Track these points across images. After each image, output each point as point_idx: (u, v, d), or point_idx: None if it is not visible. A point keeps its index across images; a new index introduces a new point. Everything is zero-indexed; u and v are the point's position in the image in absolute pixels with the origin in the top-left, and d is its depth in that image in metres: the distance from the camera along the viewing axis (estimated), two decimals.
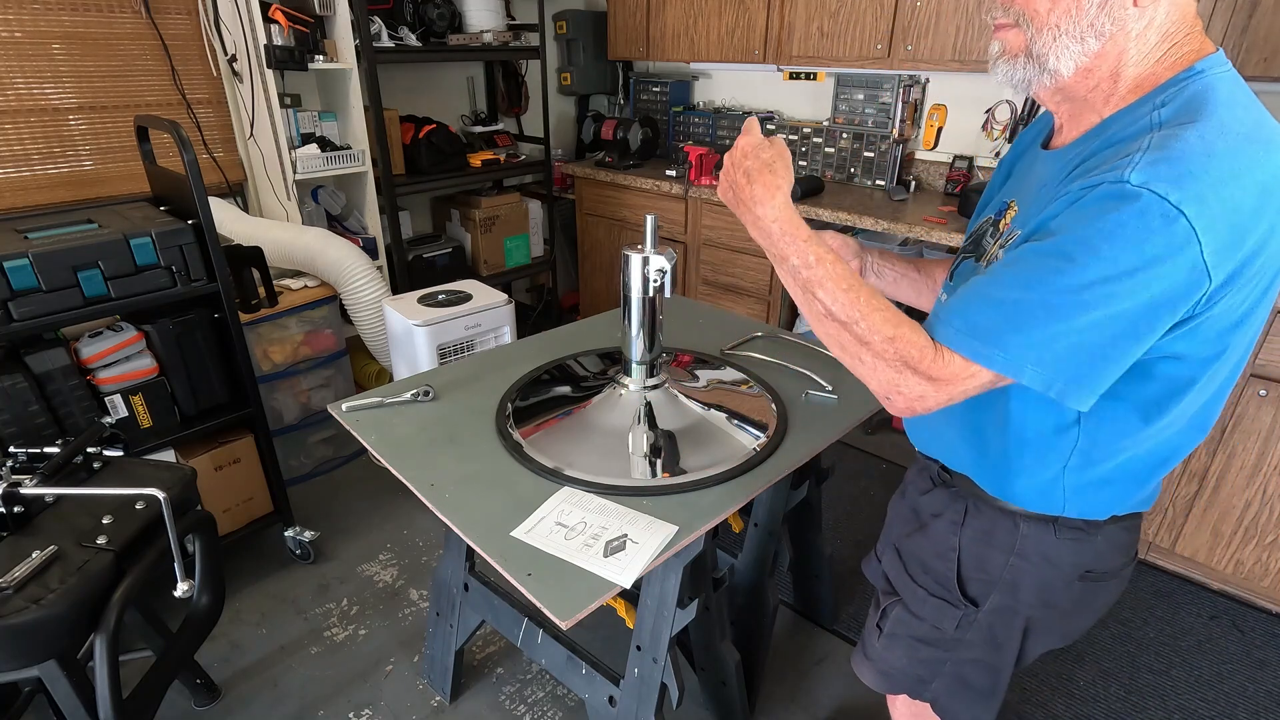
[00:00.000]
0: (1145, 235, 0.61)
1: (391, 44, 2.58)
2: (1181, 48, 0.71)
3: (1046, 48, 0.72)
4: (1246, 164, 0.62)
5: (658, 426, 1.25)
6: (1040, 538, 0.88)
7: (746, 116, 3.06)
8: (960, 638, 0.97)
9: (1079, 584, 0.90)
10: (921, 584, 0.99)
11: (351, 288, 2.32)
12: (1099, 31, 0.70)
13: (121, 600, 1.14)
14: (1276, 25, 1.74)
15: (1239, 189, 0.62)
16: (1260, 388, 1.76)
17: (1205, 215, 0.61)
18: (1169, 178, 0.61)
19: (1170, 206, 0.60)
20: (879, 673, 1.07)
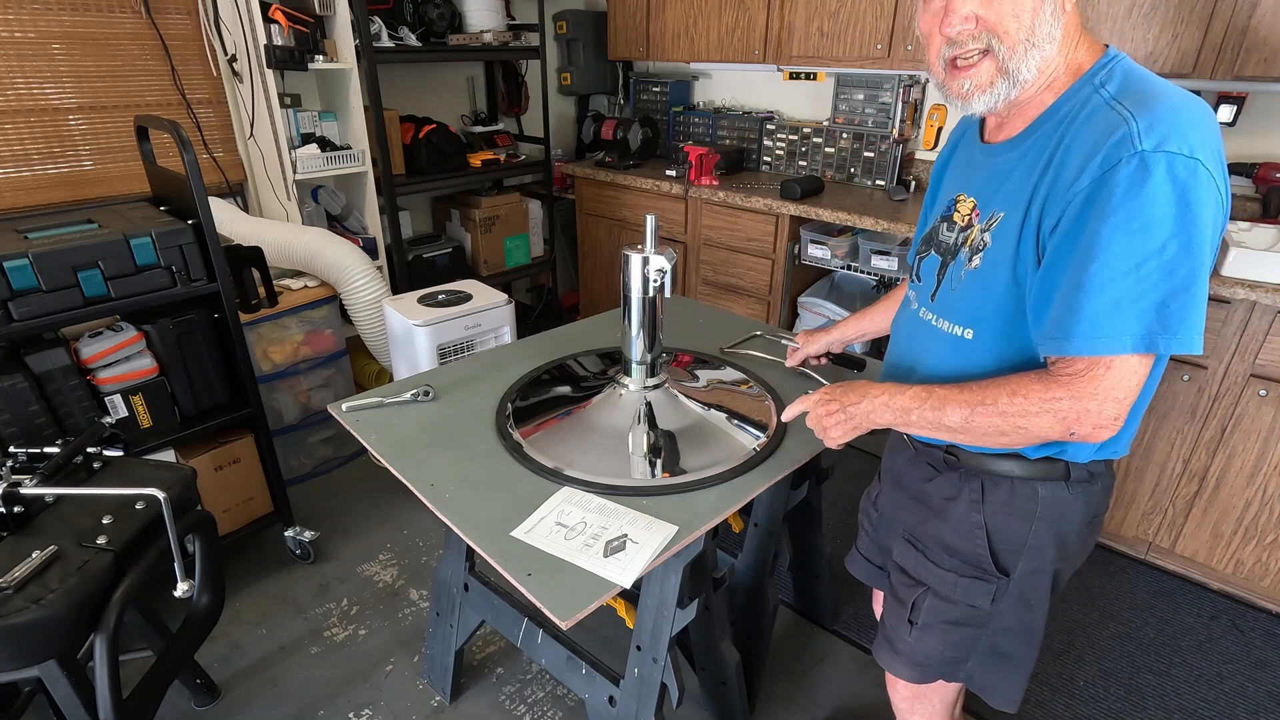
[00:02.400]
0: (1184, 190, 0.70)
1: (391, 44, 2.58)
2: (1086, 38, 0.82)
3: (1019, 62, 0.79)
4: (1200, 112, 0.74)
5: (658, 426, 1.25)
6: (1056, 497, 0.92)
7: (748, 114, 3.05)
8: (995, 610, 0.98)
9: (1086, 530, 0.96)
10: (949, 568, 0.99)
11: (351, 288, 2.32)
12: (1051, 37, 0.79)
13: (121, 600, 1.14)
14: (1277, 25, 1.74)
15: (1211, 130, 0.74)
16: (1260, 388, 1.76)
17: (1209, 156, 0.72)
18: (1175, 136, 0.71)
19: (1187, 159, 0.70)
20: (913, 664, 1.06)
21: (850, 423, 0.95)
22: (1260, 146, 2.07)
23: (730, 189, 2.73)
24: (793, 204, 2.53)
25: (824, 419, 0.97)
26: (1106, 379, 0.75)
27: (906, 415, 0.89)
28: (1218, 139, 0.74)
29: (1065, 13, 0.78)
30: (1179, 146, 0.70)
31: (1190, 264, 0.71)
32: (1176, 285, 0.72)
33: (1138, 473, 2.01)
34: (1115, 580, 2.03)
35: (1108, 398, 0.75)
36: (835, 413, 0.95)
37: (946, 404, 0.85)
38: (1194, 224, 0.71)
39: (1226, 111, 2.00)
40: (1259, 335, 1.74)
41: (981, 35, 0.79)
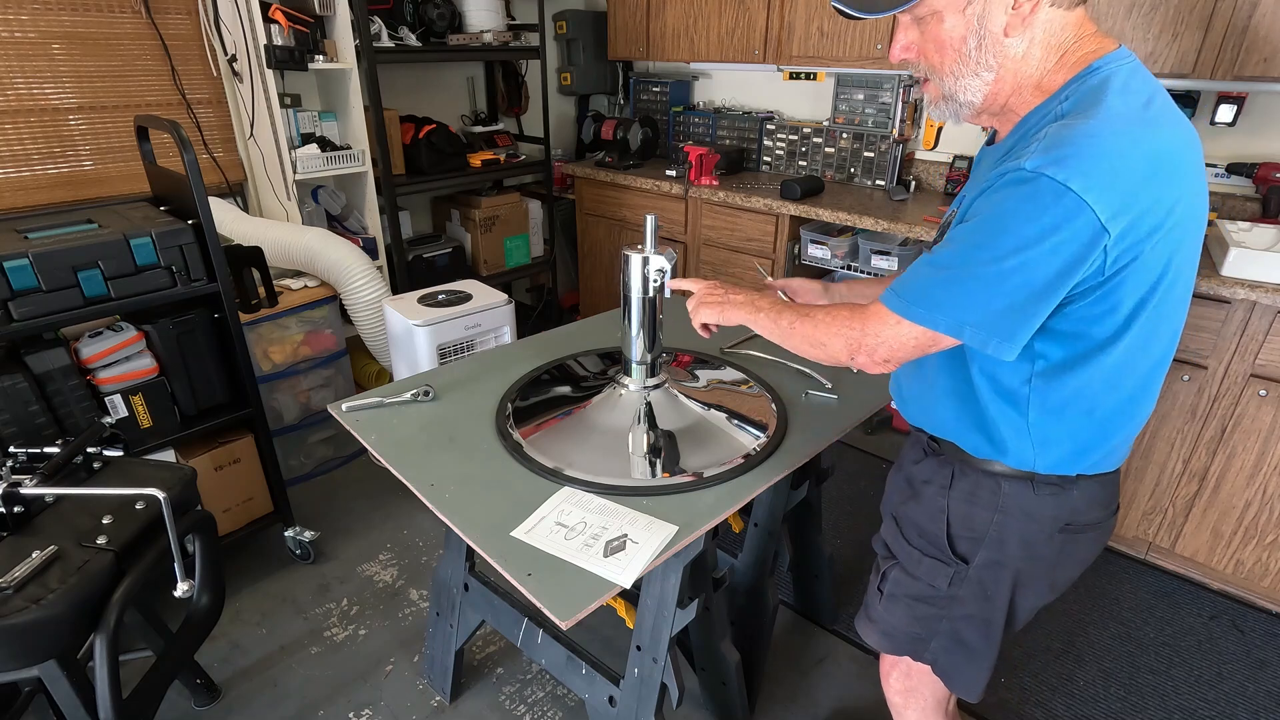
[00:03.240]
0: (1042, 210, 0.73)
1: (391, 44, 2.58)
2: (1076, 52, 0.82)
3: (954, 88, 0.87)
4: (1129, 141, 0.73)
5: (658, 426, 1.25)
6: (1020, 494, 0.94)
7: (748, 114, 3.06)
8: (954, 594, 1.01)
9: (1060, 535, 0.96)
10: (916, 546, 1.04)
11: (351, 288, 2.32)
12: (987, 65, 0.83)
13: (121, 600, 1.14)
14: (1276, 25, 1.74)
15: (1121, 161, 0.72)
16: (1260, 388, 1.76)
17: (1092, 186, 0.71)
18: (1056, 160, 0.72)
19: (1058, 184, 0.72)
20: (881, 633, 1.10)
21: (723, 312, 1.06)
22: (1260, 146, 2.07)
23: (730, 189, 2.73)
24: (793, 204, 2.53)
25: (704, 307, 1.09)
26: (893, 329, 0.85)
27: (757, 314, 1.02)
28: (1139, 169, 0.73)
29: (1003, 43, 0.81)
30: (1055, 172, 0.72)
31: (1020, 278, 0.75)
32: (998, 291, 0.77)
33: (1138, 473, 2.01)
34: (1115, 580, 2.03)
35: (884, 341, 0.86)
36: (716, 302, 1.07)
37: (785, 312, 0.98)
38: (1035, 244, 0.74)
39: (1226, 111, 2.00)
40: (1259, 335, 1.74)
41: (919, 64, 0.88)
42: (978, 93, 0.85)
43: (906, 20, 0.86)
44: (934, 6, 0.82)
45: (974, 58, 0.83)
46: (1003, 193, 0.76)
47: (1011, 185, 0.75)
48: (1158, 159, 0.74)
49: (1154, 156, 0.74)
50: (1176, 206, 0.76)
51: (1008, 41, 0.81)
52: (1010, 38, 0.81)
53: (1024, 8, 0.79)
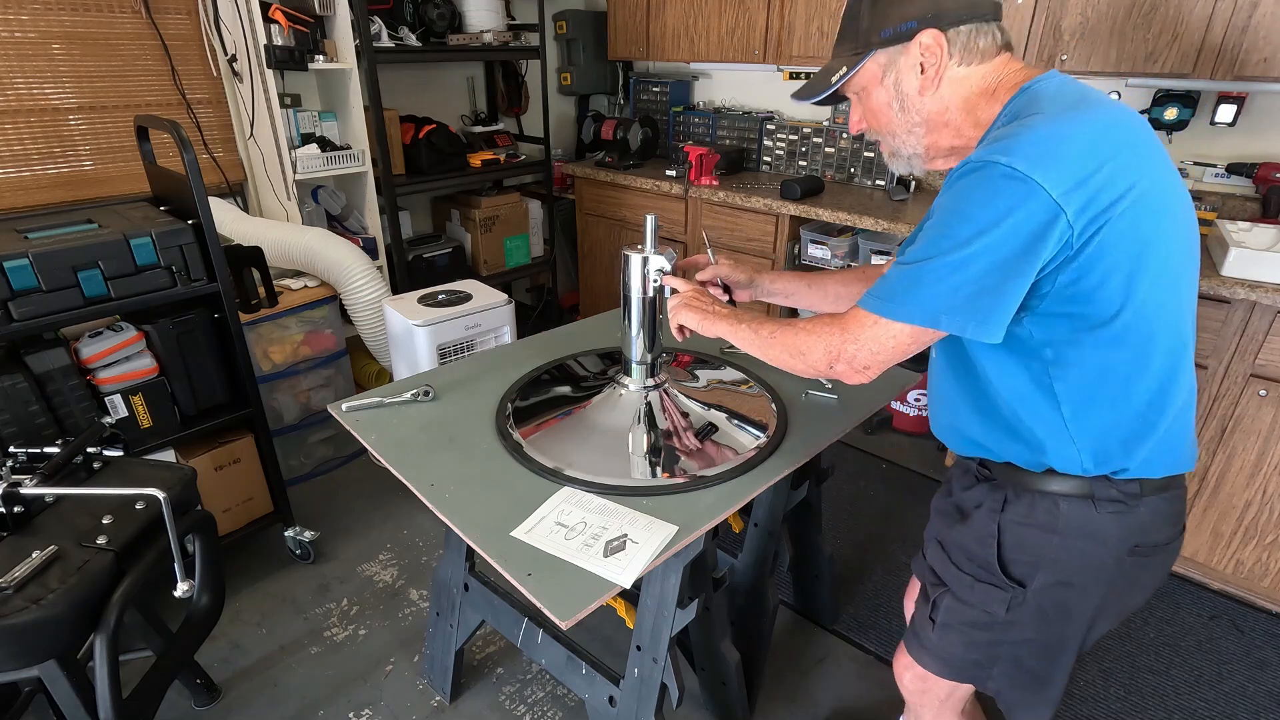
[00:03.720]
0: (994, 193, 0.77)
1: (391, 44, 2.58)
2: (1005, 84, 0.90)
3: (896, 145, 0.98)
4: (1067, 125, 0.78)
5: (658, 426, 1.25)
6: (1080, 514, 0.91)
7: (748, 114, 3.06)
8: (1012, 620, 0.98)
9: (1129, 559, 0.92)
10: (968, 571, 1.00)
11: (351, 288, 2.32)
12: (915, 122, 0.94)
13: (121, 600, 1.14)
14: (1276, 25, 1.74)
15: (1063, 142, 0.77)
16: (1260, 388, 1.76)
17: (1039, 166, 0.75)
18: (1002, 150, 0.77)
19: (1006, 166, 0.76)
20: (939, 659, 1.07)
21: (704, 322, 1.09)
22: (1260, 146, 2.07)
23: (730, 189, 2.73)
24: (793, 204, 2.53)
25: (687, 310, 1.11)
26: (871, 330, 0.87)
27: (738, 325, 1.04)
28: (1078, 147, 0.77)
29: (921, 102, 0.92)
30: (1000, 156, 0.77)
31: (984, 260, 0.78)
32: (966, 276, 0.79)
33: None
34: None
35: (865, 345, 0.87)
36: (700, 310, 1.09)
37: (766, 322, 1.01)
38: (993, 225, 0.77)
39: (1226, 111, 2.00)
40: (1259, 335, 1.74)
41: (870, 131, 1.01)
42: (917, 145, 0.97)
43: (854, 99, 1.00)
44: (861, 83, 0.96)
45: (901, 119, 0.95)
46: (957, 185, 0.81)
47: (963, 177, 0.80)
48: (1099, 137, 0.78)
49: (1094, 135, 0.78)
50: (1139, 181, 0.78)
51: (924, 100, 0.93)
52: (926, 96, 0.92)
53: (930, 73, 0.90)
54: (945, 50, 0.89)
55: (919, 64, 0.90)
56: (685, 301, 1.13)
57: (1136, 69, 1.95)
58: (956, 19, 0.88)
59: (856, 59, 0.94)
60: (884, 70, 0.93)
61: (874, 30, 0.91)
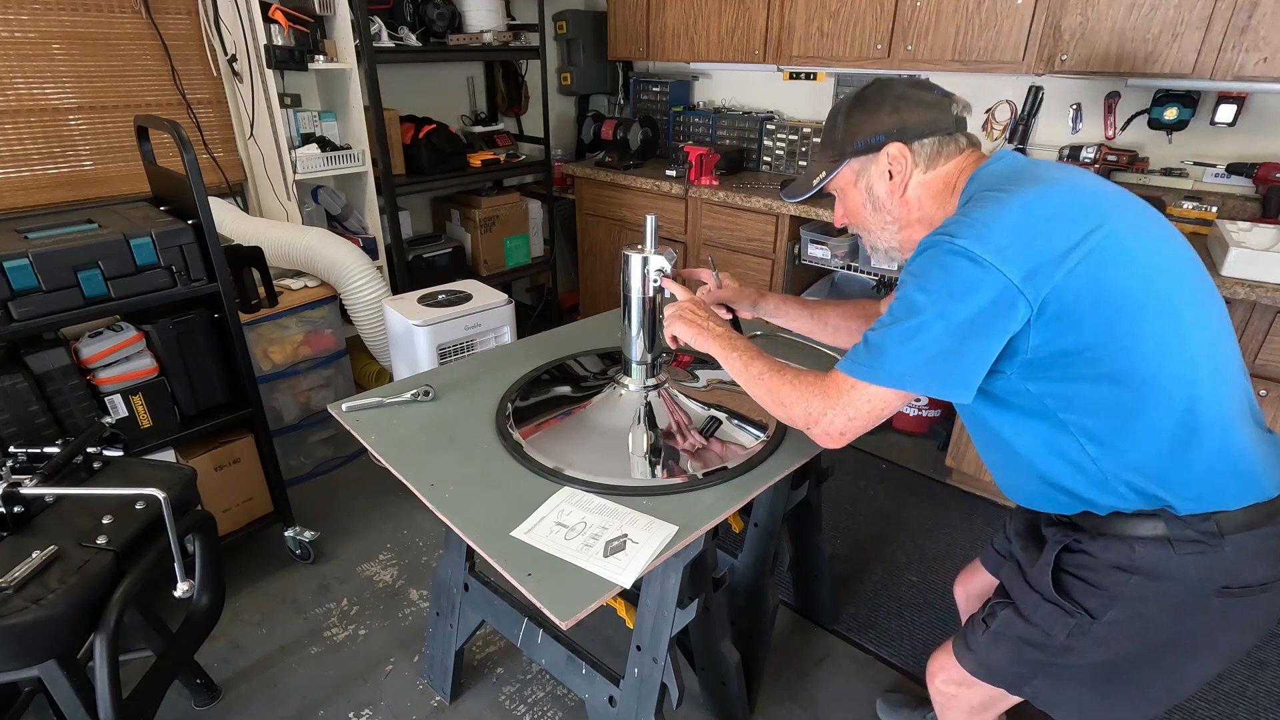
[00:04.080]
0: (943, 266, 0.86)
1: (391, 44, 2.58)
2: (964, 177, 0.99)
3: (873, 241, 1.11)
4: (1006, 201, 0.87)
5: (658, 426, 1.25)
6: (1158, 555, 0.91)
7: (748, 114, 3.05)
8: (1070, 645, 0.98)
9: (1217, 600, 0.91)
10: (1037, 589, 1.02)
11: (351, 288, 2.32)
12: (887, 221, 1.06)
13: (121, 600, 1.14)
14: (1277, 25, 1.74)
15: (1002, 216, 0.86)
16: (1260, 388, 1.76)
17: (981, 240, 0.84)
18: (948, 230, 0.87)
19: (949, 242, 0.86)
20: (979, 664, 1.08)
21: (697, 337, 1.12)
22: (1260, 146, 2.07)
23: (730, 189, 2.73)
24: (793, 204, 2.53)
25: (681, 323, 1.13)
26: (849, 395, 0.93)
27: (730, 353, 1.08)
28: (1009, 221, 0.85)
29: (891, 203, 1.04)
30: (947, 236, 0.86)
31: (939, 327, 0.86)
32: (924, 341, 0.87)
33: None
34: None
35: (843, 411, 0.93)
36: (694, 324, 1.12)
37: (757, 360, 1.05)
38: (942, 295, 0.85)
39: (1226, 111, 2.00)
40: (1259, 335, 1.74)
41: (852, 226, 1.13)
42: (892, 239, 1.08)
43: (836, 199, 1.11)
44: (838, 186, 1.08)
45: (875, 218, 1.07)
46: (913, 263, 0.91)
47: (917, 256, 0.90)
48: (1037, 206, 0.87)
49: (1032, 205, 0.87)
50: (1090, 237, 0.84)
51: (893, 202, 1.04)
52: (893, 199, 1.03)
53: (897, 179, 1.02)
54: (910, 160, 1.00)
55: (887, 170, 1.02)
56: (681, 312, 1.15)
57: (1136, 69, 1.95)
58: (919, 134, 0.99)
59: (833, 165, 1.06)
60: (857, 175, 1.05)
61: (848, 142, 1.03)
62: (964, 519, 2.29)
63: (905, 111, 0.99)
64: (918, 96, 1.00)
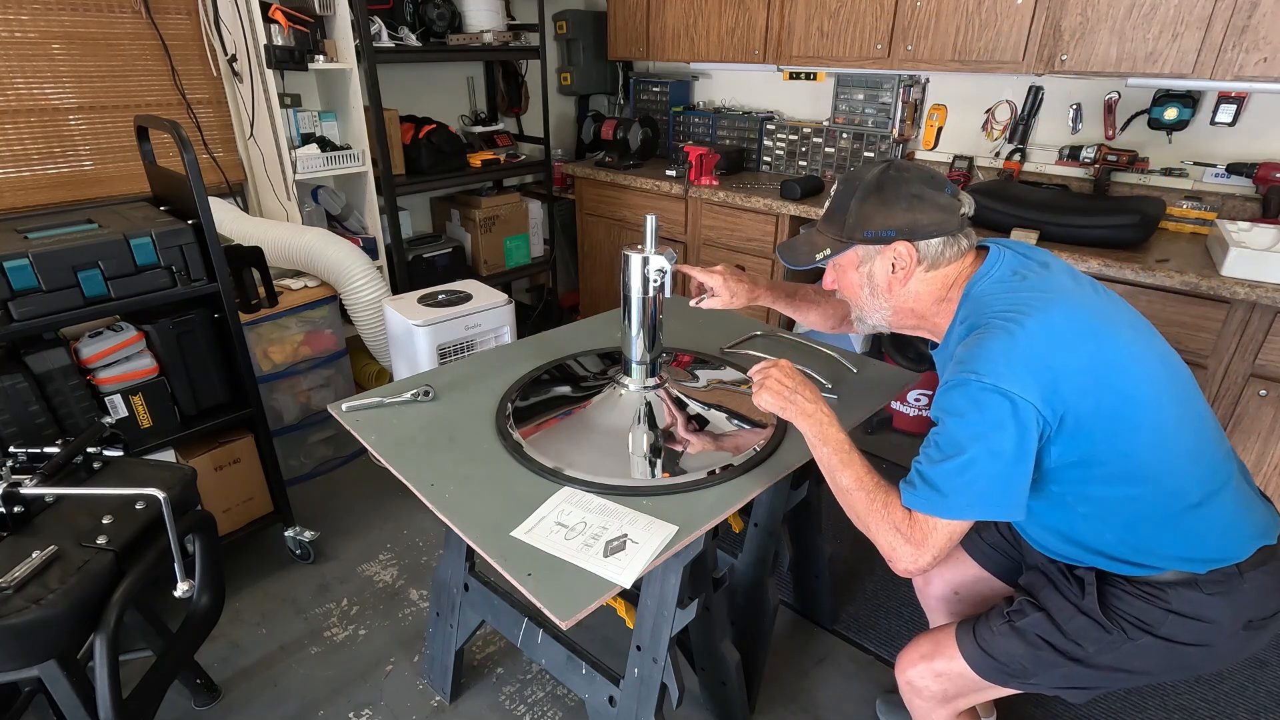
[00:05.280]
0: (977, 403, 0.92)
1: (391, 44, 2.58)
2: (959, 283, 1.05)
3: (861, 315, 1.14)
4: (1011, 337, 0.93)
5: (658, 426, 1.25)
6: (1188, 598, 0.98)
7: (748, 114, 3.05)
8: (1093, 656, 1.03)
9: (1243, 634, 0.99)
10: (1072, 600, 1.06)
11: (351, 288, 2.32)
12: (881, 305, 1.10)
13: (121, 600, 1.14)
14: (1276, 25, 1.74)
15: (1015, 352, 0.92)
16: (1260, 388, 1.76)
17: (1004, 377, 0.90)
18: (971, 370, 0.93)
19: (978, 381, 0.91)
20: (985, 655, 1.10)
21: (784, 410, 1.10)
22: (1260, 146, 2.07)
23: (730, 189, 2.73)
24: (793, 204, 2.53)
25: (768, 393, 1.11)
26: (932, 536, 0.96)
27: (819, 448, 1.08)
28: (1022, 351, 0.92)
29: (890, 292, 1.08)
30: (970, 375, 0.92)
31: (987, 459, 0.91)
32: (976, 474, 0.92)
33: None
34: None
35: (929, 549, 0.96)
36: (783, 395, 1.10)
37: (846, 470, 1.05)
38: (988, 431, 0.91)
39: (1226, 111, 2.00)
40: (1259, 335, 1.74)
41: (839, 294, 1.16)
42: (882, 320, 1.13)
43: (830, 265, 1.12)
44: (839, 263, 1.11)
45: (870, 301, 1.11)
46: (947, 398, 0.95)
47: (949, 391, 0.95)
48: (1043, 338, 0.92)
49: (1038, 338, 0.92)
50: (1092, 358, 0.92)
51: (891, 293, 1.08)
52: (892, 291, 1.08)
53: (900, 274, 1.06)
54: (915, 259, 1.04)
55: (891, 264, 1.05)
56: (767, 380, 1.11)
57: (1137, 69, 1.95)
58: (928, 234, 1.02)
59: (840, 245, 1.07)
60: (861, 260, 1.08)
61: (858, 228, 1.05)
62: None
63: (919, 211, 1.01)
64: (933, 198, 1.02)
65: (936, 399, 0.99)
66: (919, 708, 1.20)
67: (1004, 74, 2.39)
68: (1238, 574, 0.97)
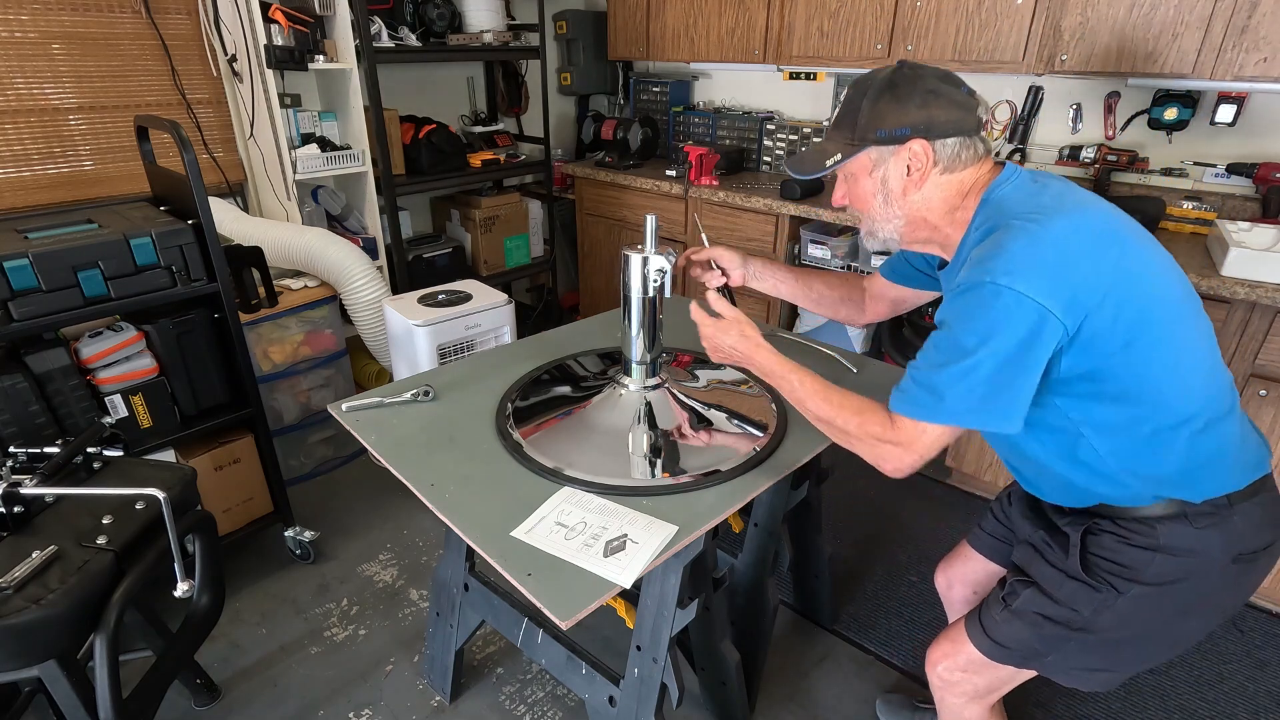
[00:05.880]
0: (989, 306, 0.87)
1: (391, 44, 2.58)
2: (976, 188, 1.00)
3: (873, 229, 1.09)
4: (1034, 238, 0.88)
5: (658, 426, 1.25)
6: (1179, 531, 0.96)
7: (748, 114, 3.05)
8: (1093, 621, 1.01)
9: (1234, 567, 0.97)
10: (1060, 567, 1.05)
11: (351, 288, 2.32)
12: (895, 214, 1.05)
13: (121, 600, 1.14)
14: (1276, 25, 1.74)
15: (1037, 254, 0.87)
16: (1260, 388, 1.76)
17: (1021, 278, 0.86)
18: (988, 270, 0.88)
19: (992, 284, 0.87)
20: (995, 643, 1.10)
21: (729, 359, 1.14)
22: (1260, 146, 2.07)
23: (730, 189, 2.73)
24: (793, 204, 2.53)
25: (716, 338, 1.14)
26: (919, 439, 0.94)
27: (776, 380, 1.08)
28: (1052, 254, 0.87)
29: (904, 199, 1.02)
30: (992, 276, 0.87)
31: (990, 364, 0.88)
32: (977, 380, 0.89)
33: None
34: None
35: (914, 450, 0.95)
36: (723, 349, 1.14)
37: (811, 398, 1.05)
38: (994, 334, 0.87)
39: (1226, 111, 2.00)
40: (1259, 335, 1.74)
41: (851, 209, 1.10)
42: (894, 232, 1.07)
43: (840, 177, 1.08)
44: (850, 170, 1.04)
45: (883, 209, 1.05)
46: (957, 302, 0.92)
47: (961, 294, 0.91)
48: (1068, 241, 0.88)
49: (1063, 240, 0.88)
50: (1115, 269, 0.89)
51: (906, 198, 1.03)
52: (907, 196, 1.02)
53: (915, 175, 1.00)
54: (931, 159, 0.99)
55: (906, 166, 1.00)
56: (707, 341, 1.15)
57: (1136, 69, 1.95)
58: (944, 133, 0.97)
59: (851, 149, 1.01)
60: (874, 164, 1.02)
61: (870, 129, 0.99)
62: (964, 519, 2.29)
63: (934, 107, 0.96)
64: (949, 94, 0.97)
65: (945, 305, 0.94)
66: (951, 705, 1.20)
67: (1004, 74, 2.39)
68: (1228, 505, 0.95)
